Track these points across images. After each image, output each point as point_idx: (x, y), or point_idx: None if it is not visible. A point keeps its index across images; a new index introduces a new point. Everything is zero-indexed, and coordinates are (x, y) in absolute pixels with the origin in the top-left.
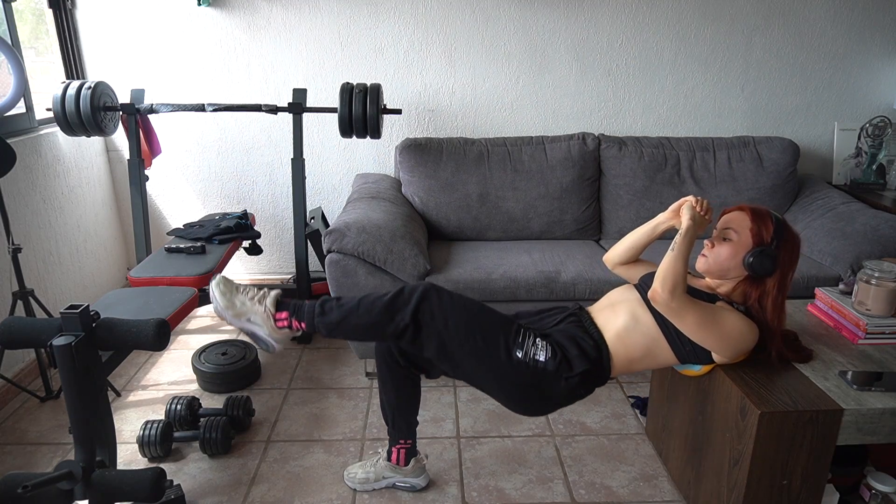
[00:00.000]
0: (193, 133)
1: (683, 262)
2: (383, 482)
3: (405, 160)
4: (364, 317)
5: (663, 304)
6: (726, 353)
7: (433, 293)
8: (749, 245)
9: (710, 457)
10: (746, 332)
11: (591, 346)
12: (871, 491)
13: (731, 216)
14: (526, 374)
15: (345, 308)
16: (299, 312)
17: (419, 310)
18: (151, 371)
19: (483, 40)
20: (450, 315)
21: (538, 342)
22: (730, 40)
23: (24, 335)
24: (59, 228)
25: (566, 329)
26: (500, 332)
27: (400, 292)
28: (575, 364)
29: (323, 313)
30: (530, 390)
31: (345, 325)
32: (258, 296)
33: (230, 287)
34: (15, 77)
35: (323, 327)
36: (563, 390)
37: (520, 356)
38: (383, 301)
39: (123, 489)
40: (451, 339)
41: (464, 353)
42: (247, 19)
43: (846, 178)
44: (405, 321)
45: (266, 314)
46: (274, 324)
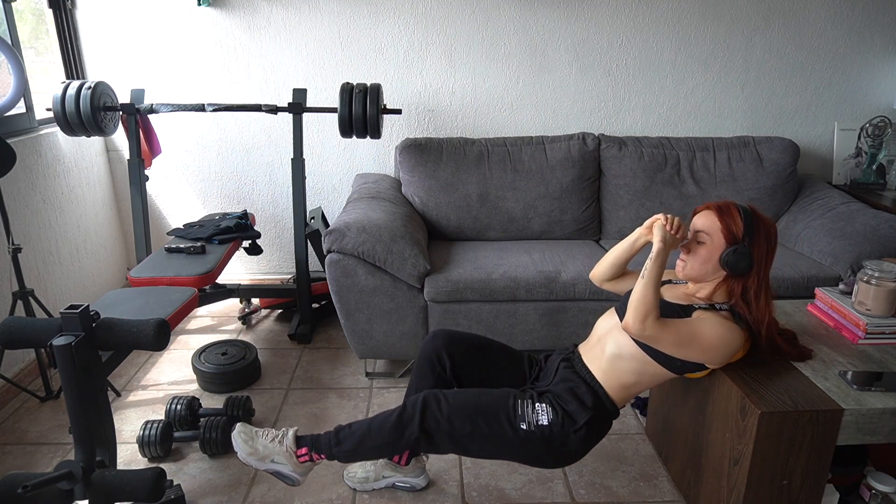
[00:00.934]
0: (193, 133)
1: (654, 289)
2: (383, 482)
3: (405, 160)
4: (377, 439)
5: (637, 334)
6: (714, 361)
7: (432, 401)
8: (723, 245)
9: (710, 457)
10: (728, 337)
11: (585, 391)
12: (871, 491)
13: (700, 219)
14: (537, 440)
15: (357, 434)
16: (317, 446)
17: (424, 421)
18: (151, 371)
19: (483, 40)
20: (452, 416)
21: (537, 407)
22: (730, 40)
23: (24, 335)
24: (59, 228)
25: (563, 377)
26: (500, 413)
27: (404, 408)
28: (577, 417)
29: (339, 443)
30: (547, 452)
31: (361, 450)
32: (278, 436)
33: (250, 433)
34: (15, 77)
35: (341, 456)
36: (575, 443)
37: (525, 427)
38: (391, 421)
39: (123, 489)
40: (461, 436)
41: (476, 443)
42: (247, 19)
43: (846, 178)
44: (415, 434)
45: (288, 453)
46: (297, 460)
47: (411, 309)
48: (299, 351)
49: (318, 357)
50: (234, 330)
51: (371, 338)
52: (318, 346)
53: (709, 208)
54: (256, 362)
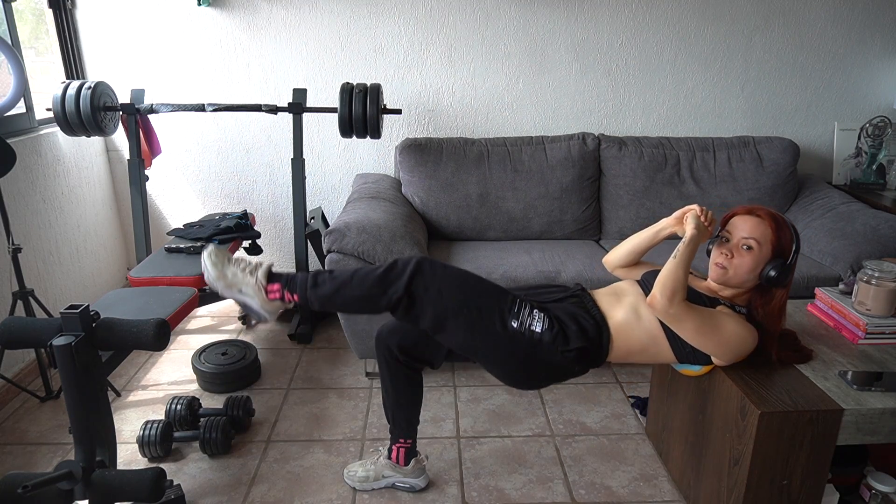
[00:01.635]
0: (193, 133)
1: (685, 270)
2: (383, 481)
3: (405, 160)
4: (357, 289)
5: (661, 310)
6: (725, 357)
7: (427, 265)
8: (768, 256)
9: (710, 457)
10: (746, 338)
11: (591, 325)
12: (871, 491)
13: (748, 224)
14: (521, 343)
15: (338, 280)
16: (291, 284)
17: (413, 282)
18: (151, 371)
19: (483, 40)
20: (444, 287)
21: (535, 313)
22: (730, 40)
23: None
24: (59, 228)
25: (567, 307)
26: (495, 303)
27: (393, 264)
28: (572, 339)
29: (316, 285)
30: (525, 361)
31: (337, 298)
32: (249, 267)
33: (221, 258)
34: (15, 77)
35: (315, 299)
36: (557, 363)
37: (515, 326)
38: (376, 273)
39: (123, 489)
40: (446, 311)
41: (458, 323)
42: (247, 19)
43: (846, 178)
44: (399, 293)
45: (258, 286)
46: (265, 295)
47: None
48: (299, 351)
49: (318, 357)
50: (234, 330)
51: (371, 338)
52: (318, 346)
53: (758, 215)
54: (256, 362)
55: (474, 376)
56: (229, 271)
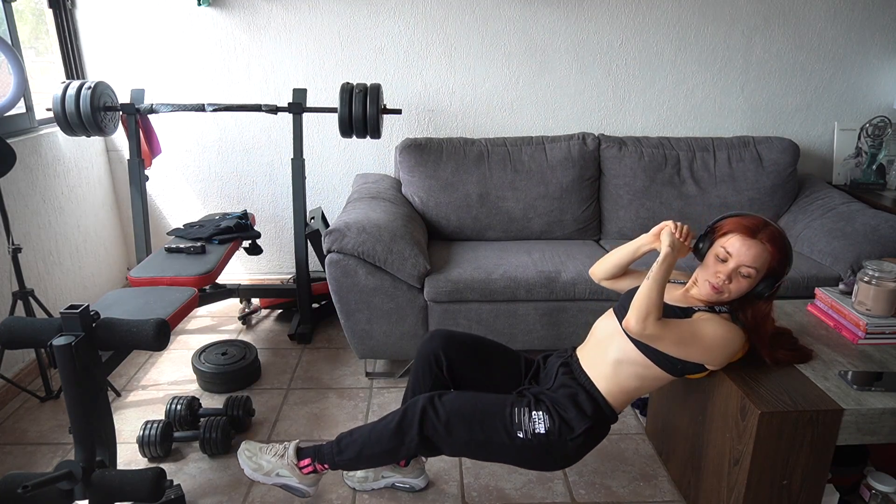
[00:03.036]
0: (193, 133)
1: (659, 291)
2: (382, 481)
3: (405, 160)
4: (377, 446)
5: (637, 333)
6: (715, 362)
7: (429, 409)
8: (763, 277)
9: (710, 457)
10: (729, 337)
11: (585, 399)
12: (871, 491)
13: (752, 253)
14: (533, 447)
15: (359, 442)
16: (320, 456)
17: (423, 428)
18: (151, 371)
19: (483, 40)
20: (450, 423)
21: (534, 416)
22: (730, 40)
23: (24, 335)
24: (59, 228)
25: (562, 383)
26: (496, 422)
27: (403, 415)
28: (575, 425)
29: (340, 452)
30: (545, 458)
31: (363, 458)
32: (279, 451)
33: (254, 450)
34: (15, 77)
35: (343, 464)
36: (572, 450)
37: (521, 436)
38: (390, 429)
39: (123, 489)
40: (459, 442)
41: (474, 448)
42: (247, 19)
43: (846, 178)
44: (414, 441)
45: (291, 466)
46: (300, 472)
47: (411, 309)
48: (299, 351)
49: (318, 357)
50: (234, 330)
51: (371, 338)
52: (318, 346)
53: (761, 242)
54: (256, 362)
55: None
56: (264, 461)
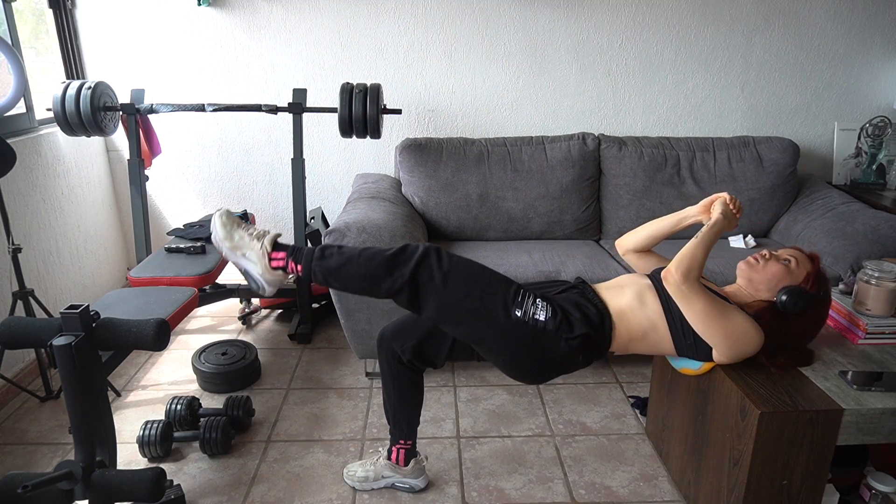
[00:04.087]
0: (193, 133)
1: (704, 251)
2: (382, 481)
3: (405, 160)
4: (363, 267)
5: (674, 284)
6: (728, 353)
7: (433, 254)
8: (797, 281)
9: (710, 457)
10: (752, 335)
11: (594, 313)
12: (871, 491)
13: (798, 253)
14: (525, 333)
15: (345, 255)
16: (297, 255)
17: (418, 270)
18: (151, 371)
19: (483, 40)
20: (449, 276)
21: (538, 302)
22: (730, 40)
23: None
24: (59, 228)
25: (569, 296)
26: (498, 292)
27: (403, 249)
28: (576, 326)
29: (322, 258)
30: (528, 350)
31: (342, 273)
32: (257, 233)
33: (232, 220)
34: (15, 77)
35: (319, 272)
36: (562, 352)
37: (518, 315)
38: (385, 255)
39: (123, 489)
40: (449, 300)
41: (461, 312)
42: (247, 19)
43: (846, 178)
44: (403, 279)
45: (262, 251)
46: (268, 263)
47: None
48: (299, 351)
49: (318, 357)
50: (234, 330)
51: (371, 338)
52: (318, 346)
53: (811, 257)
54: (256, 362)
55: (474, 376)
56: (236, 234)
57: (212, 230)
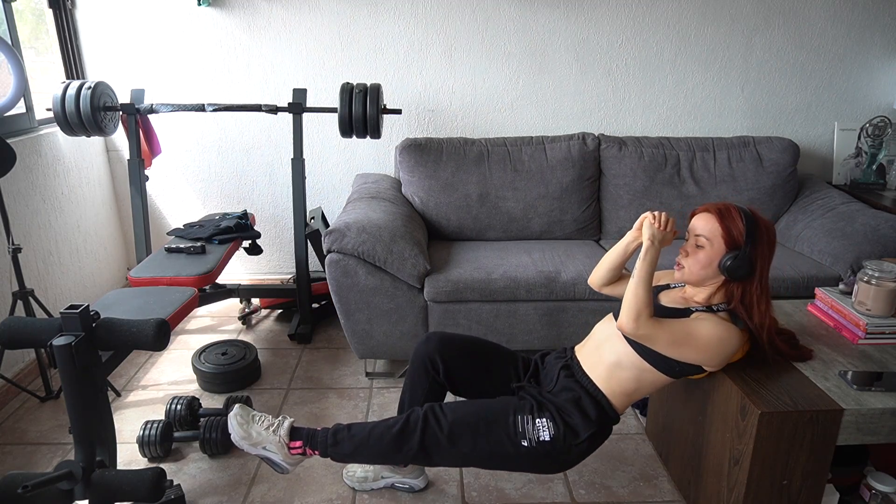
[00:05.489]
0: (193, 133)
1: (645, 287)
2: (382, 482)
3: (405, 160)
4: (374, 448)
5: (631, 333)
6: (712, 363)
7: (431, 418)
8: (723, 250)
9: (710, 457)
10: (725, 337)
11: (589, 403)
12: (871, 491)
13: (699, 221)
14: (538, 455)
15: (356, 440)
16: (313, 441)
17: (424, 438)
18: (151, 371)
19: (483, 40)
20: (452, 434)
21: (538, 423)
22: (730, 40)
23: (24, 335)
24: (59, 228)
25: (564, 386)
26: (501, 430)
27: (406, 422)
28: (580, 431)
29: (336, 444)
30: (547, 462)
31: (358, 456)
32: (273, 426)
33: (247, 417)
34: (15, 77)
35: (336, 456)
36: (576, 455)
37: (526, 445)
38: (391, 434)
39: (123, 489)
40: (461, 453)
41: (477, 458)
42: (247, 19)
43: (846, 178)
44: (414, 450)
45: (281, 444)
46: (288, 452)
47: (411, 309)
48: (299, 351)
49: (318, 357)
50: (234, 330)
51: (371, 338)
52: (318, 346)
53: (708, 211)
54: (256, 362)
55: None
56: (254, 431)
57: (230, 430)
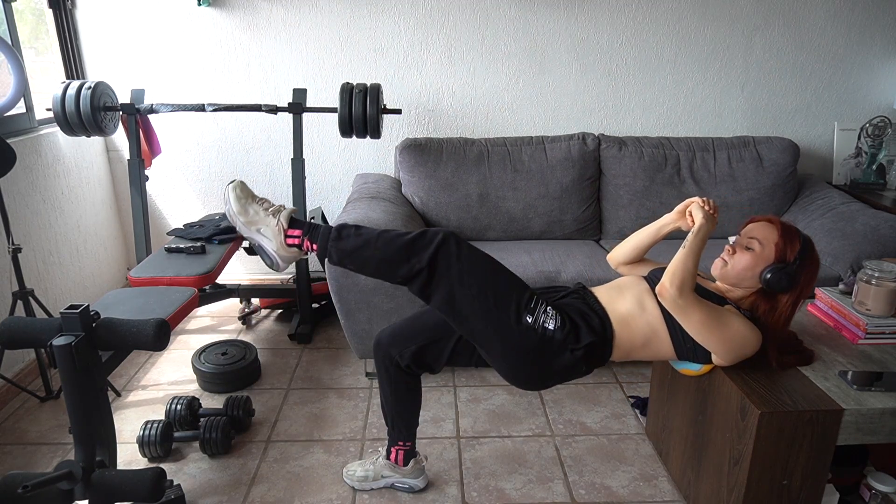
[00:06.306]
0: (193, 133)
1: (694, 260)
2: (382, 481)
3: (405, 160)
4: (381, 250)
5: (670, 300)
6: (727, 357)
7: (452, 242)
8: (770, 259)
9: (710, 457)
10: (750, 339)
11: (596, 322)
12: (871, 491)
13: (758, 226)
14: (532, 340)
15: (363, 238)
16: (314, 233)
17: (437, 256)
18: (151, 371)
19: (483, 40)
20: (466, 268)
21: (549, 311)
22: (730, 40)
23: (24, 335)
24: (59, 228)
25: (573, 304)
26: (512, 295)
27: (422, 234)
28: (582, 336)
29: (339, 238)
30: (533, 357)
31: (358, 256)
32: (273, 208)
33: (246, 193)
34: (15, 77)
35: (335, 252)
36: (565, 362)
37: (529, 321)
38: (404, 239)
39: (123, 489)
40: (463, 293)
41: (473, 309)
42: (247, 19)
43: (846, 178)
44: (421, 264)
45: (278, 227)
46: (284, 239)
47: (411, 309)
48: (299, 351)
49: (318, 357)
50: (234, 330)
51: (371, 338)
52: (318, 346)
53: (771, 221)
54: (256, 362)
55: (474, 376)
56: (252, 208)
57: (225, 203)
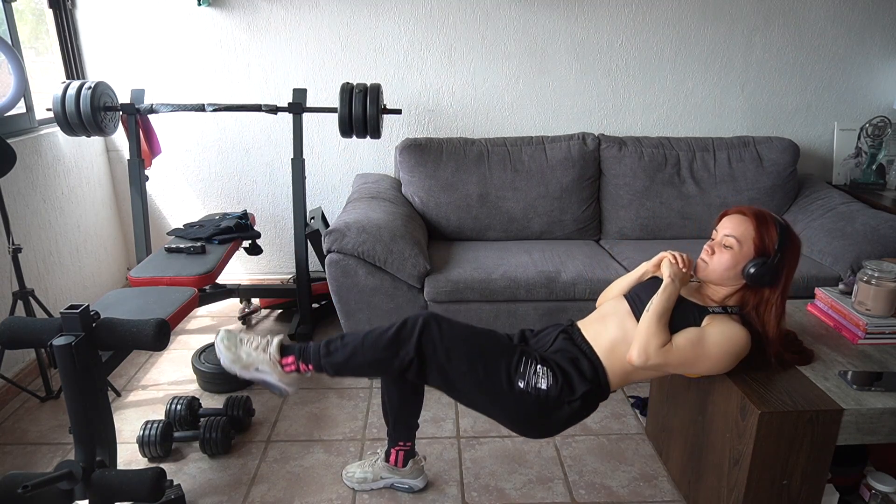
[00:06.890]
0: (193, 133)
1: (660, 321)
2: (381, 482)
3: (405, 160)
4: (369, 353)
5: (641, 367)
6: (722, 370)
7: (433, 324)
8: (750, 254)
9: (710, 457)
10: (735, 340)
11: (587, 366)
12: (871, 491)
13: (732, 222)
14: (529, 402)
15: (349, 346)
16: (305, 355)
17: (421, 343)
18: (151, 371)
19: (483, 40)
20: (451, 347)
21: (539, 370)
22: (730, 40)
23: (25, 335)
24: (59, 228)
25: (562, 347)
26: (501, 362)
27: (403, 325)
28: (576, 386)
29: (328, 354)
30: (534, 417)
31: (351, 364)
32: (262, 344)
33: (233, 340)
34: (15, 77)
35: (329, 367)
36: (566, 414)
37: (522, 386)
38: (387, 336)
39: (123, 489)
40: (454, 372)
41: (466, 384)
42: (247, 19)
43: (846, 178)
44: (409, 355)
45: (272, 362)
46: (282, 370)
47: (411, 309)
48: None
49: None
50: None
51: None
52: None
53: (744, 213)
54: None
55: None
56: (243, 352)
57: (218, 356)
